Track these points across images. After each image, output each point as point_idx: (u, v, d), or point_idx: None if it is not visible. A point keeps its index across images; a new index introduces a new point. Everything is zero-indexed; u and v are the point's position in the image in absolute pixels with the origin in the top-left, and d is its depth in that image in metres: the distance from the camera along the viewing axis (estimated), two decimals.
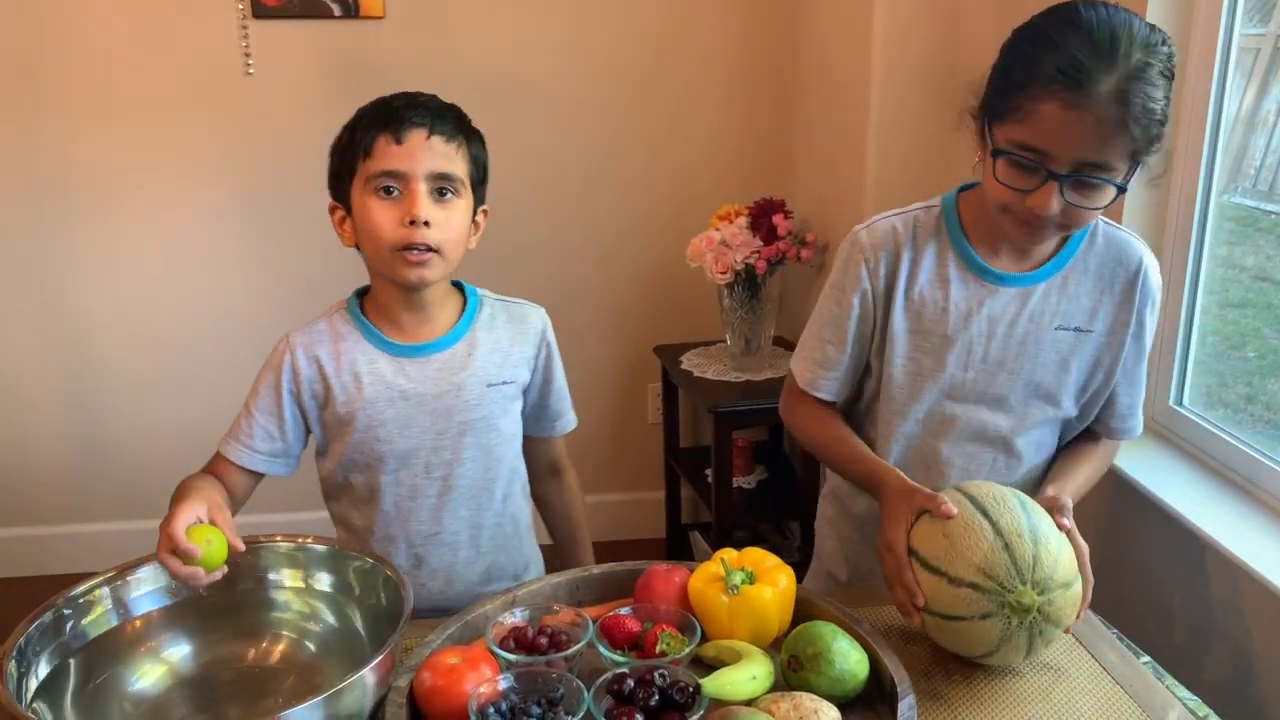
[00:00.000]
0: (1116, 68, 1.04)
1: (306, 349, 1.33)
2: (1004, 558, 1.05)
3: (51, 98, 2.59)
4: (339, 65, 2.64)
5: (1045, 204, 1.10)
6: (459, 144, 1.29)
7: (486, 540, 1.41)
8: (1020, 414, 1.30)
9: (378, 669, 0.96)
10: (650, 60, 2.76)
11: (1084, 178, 1.09)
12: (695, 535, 2.92)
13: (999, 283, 1.25)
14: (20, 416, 2.82)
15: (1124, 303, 1.26)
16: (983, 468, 1.32)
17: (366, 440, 1.32)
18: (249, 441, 1.31)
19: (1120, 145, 1.07)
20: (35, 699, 0.97)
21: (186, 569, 1.05)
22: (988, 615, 1.04)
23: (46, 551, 2.89)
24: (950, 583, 1.06)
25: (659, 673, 0.99)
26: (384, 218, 1.26)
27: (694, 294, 2.84)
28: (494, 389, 1.36)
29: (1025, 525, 1.06)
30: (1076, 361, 1.27)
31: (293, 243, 2.72)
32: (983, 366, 1.27)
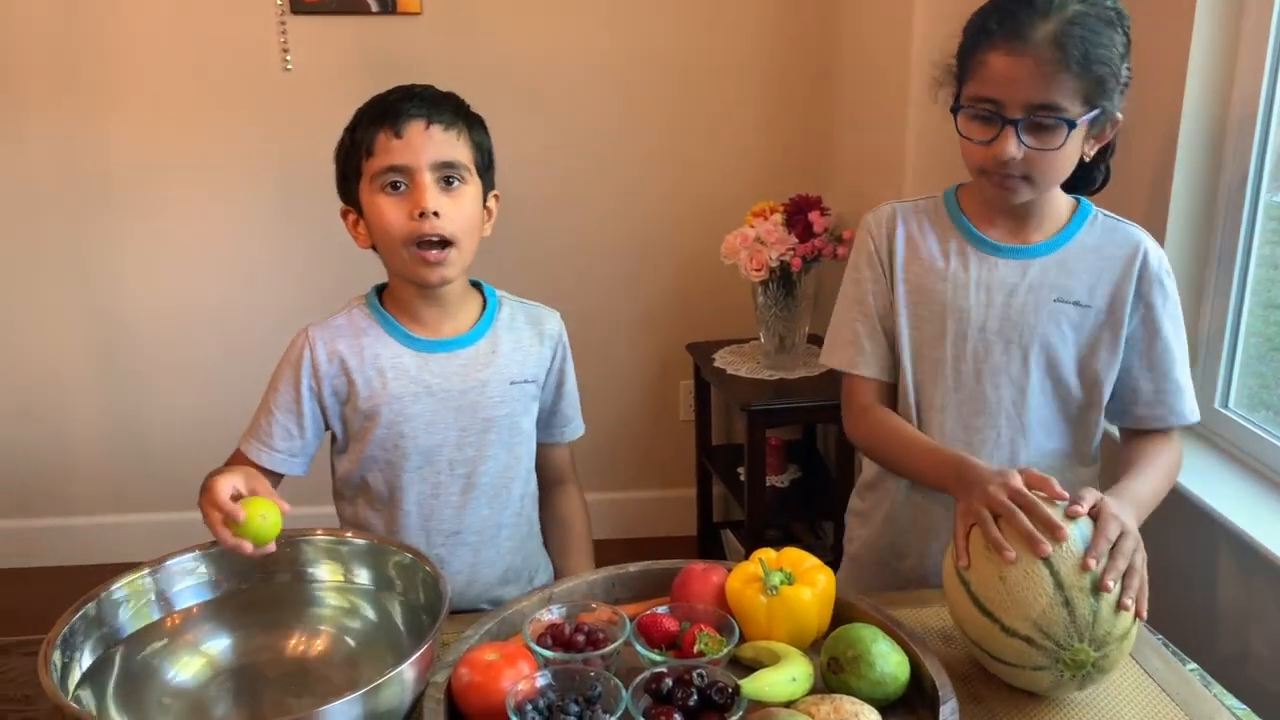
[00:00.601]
0: (1052, 16, 1.14)
1: (327, 344, 1.32)
2: (1063, 615, 0.99)
3: (93, 93, 2.62)
4: (376, 61, 2.65)
5: (1005, 148, 1.17)
6: (459, 131, 1.28)
7: (505, 540, 1.41)
8: (1020, 385, 1.31)
9: (416, 664, 0.96)
10: (686, 56, 2.75)
11: (1036, 119, 1.16)
12: (727, 534, 2.91)
13: (996, 254, 1.30)
14: (61, 408, 2.86)
15: (1123, 281, 1.28)
16: (986, 444, 1.32)
17: (390, 436, 1.32)
18: (268, 440, 1.31)
19: (1064, 86, 1.15)
20: (78, 688, 0.97)
21: (234, 541, 1.05)
22: (1040, 668, 1.02)
23: (86, 541, 2.93)
24: (1003, 631, 1.02)
25: (697, 673, 0.99)
26: (393, 213, 1.26)
27: (728, 291, 2.83)
28: (516, 387, 1.36)
29: (1088, 576, 1.00)
30: (1075, 335, 1.29)
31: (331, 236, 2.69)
32: (981, 336, 1.30)
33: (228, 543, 1.06)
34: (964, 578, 1.07)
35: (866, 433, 1.35)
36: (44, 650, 0.94)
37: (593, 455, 2.95)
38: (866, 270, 1.36)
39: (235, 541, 1.06)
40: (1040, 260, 1.29)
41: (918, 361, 1.34)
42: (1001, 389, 1.31)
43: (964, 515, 1.10)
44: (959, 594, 1.08)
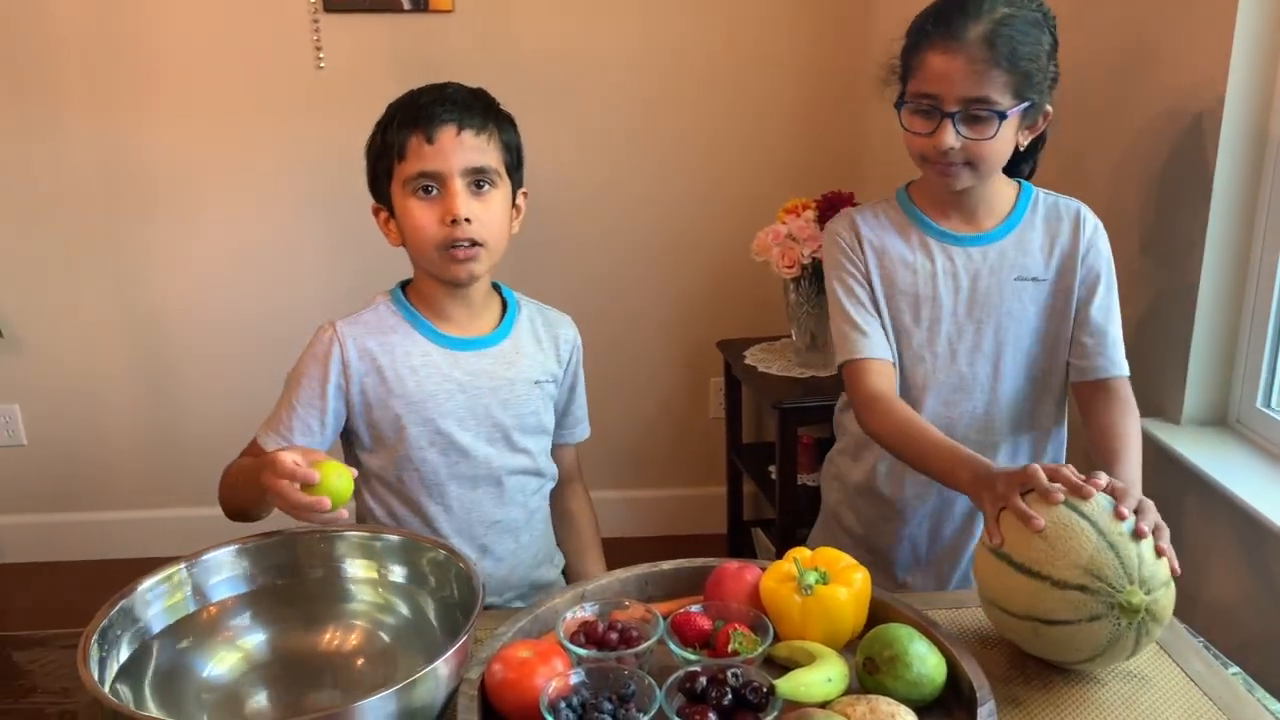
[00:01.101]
0: (983, 18, 1.25)
1: (357, 341, 1.32)
2: (1111, 557, 1.02)
3: (129, 94, 2.65)
4: (408, 59, 2.66)
5: (944, 139, 1.28)
6: (489, 134, 1.29)
7: (538, 524, 1.45)
8: (994, 360, 1.41)
9: (451, 661, 0.96)
10: (718, 53, 2.74)
11: (971, 112, 1.27)
12: (757, 532, 2.90)
13: (957, 244, 1.40)
14: (99, 404, 2.90)
15: (1069, 248, 1.39)
16: (964, 416, 1.43)
17: (426, 433, 1.33)
18: (287, 434, 1.31)
19: (994, 81, 1.25)
20: (116, 681, 0.98)
21: (311, 498, 1.04)
22: (1096, 617, 1.01)
23: (122, 536, 2.96)
24: (1054, 586, 1.02)
25: (732, 672, 0.98)
26: (425, 218, 1.27)
27: (759, 288, 2.81)
28: (539, 386, 1.40)
29: (1124, 525, 1.04)
30: (1035, 308, 1.40)
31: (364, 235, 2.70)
32: (953, 320, 1.40)
33: (303, 501, 1.04)
34: (1002, 554, 1.07)
35: (878, 425, 1.37)
36: (83, 644, 0.95)
37: (623, 452, 2.95)
38: (847, 267, 1.43)
39: (312, 500, 1.04)
40: (997, 244, 1.40)
41: (899, 348, 1.43)
42: (976, 365, 1.42)
43: (992, 501, 1.12)
44: (1000, 570, 1.07)
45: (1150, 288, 1.78)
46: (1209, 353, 1.69)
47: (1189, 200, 1.67)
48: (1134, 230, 1.81)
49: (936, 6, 1.30)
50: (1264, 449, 1.64)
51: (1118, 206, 1.84)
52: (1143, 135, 1.77)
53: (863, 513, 1.55)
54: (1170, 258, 1.72)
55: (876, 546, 1.54)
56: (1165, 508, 1.72)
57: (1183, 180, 1.68)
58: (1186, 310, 1.68)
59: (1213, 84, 1.59)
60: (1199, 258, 1.65)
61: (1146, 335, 1.79)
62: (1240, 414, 1.70)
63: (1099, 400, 1.38)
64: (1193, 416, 1.72)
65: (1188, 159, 1.67)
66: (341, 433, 1.38)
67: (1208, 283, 1.66)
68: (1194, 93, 1.64)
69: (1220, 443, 1.68)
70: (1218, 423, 1.73)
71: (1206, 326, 1.68)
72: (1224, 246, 1.64)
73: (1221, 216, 1.63)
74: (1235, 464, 1.61)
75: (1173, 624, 1.19)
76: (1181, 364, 1.70)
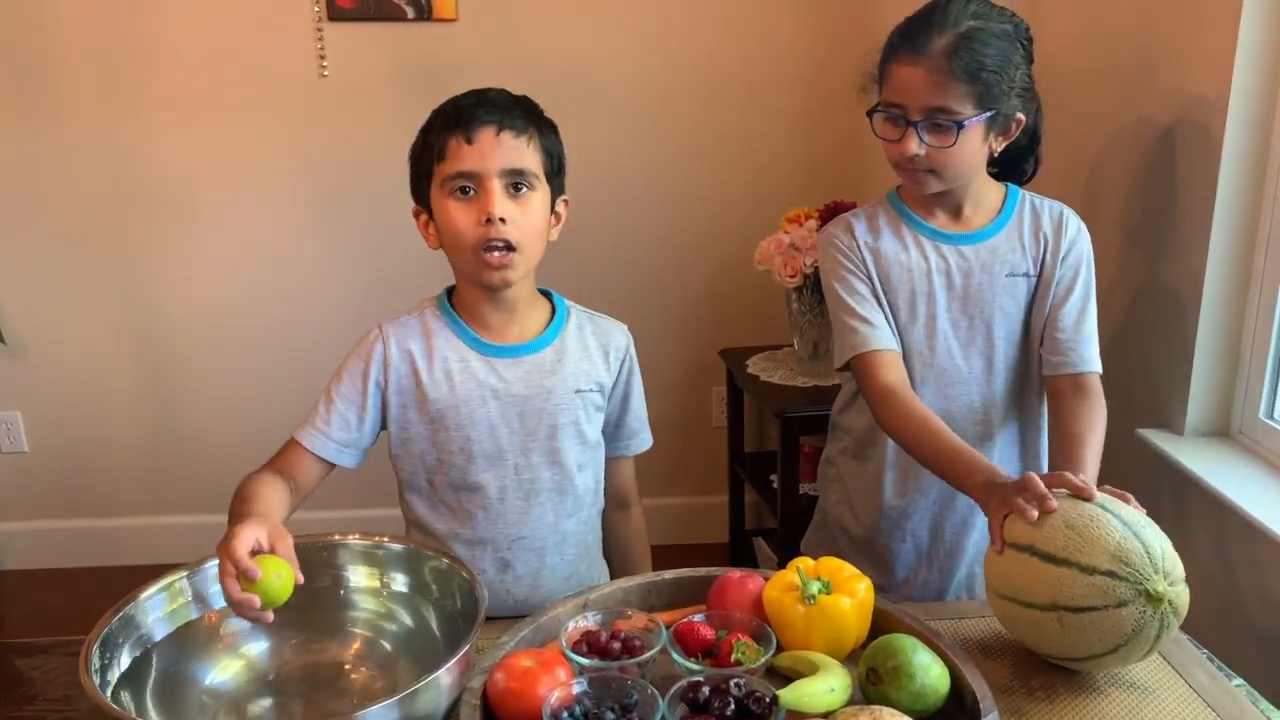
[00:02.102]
0: (947, 32, 1.30)
1: (400, 341, 1.33)
2: (1138, 546, 1.04)
3: (134, 101, 2.66)
4: (412, 67, 2.66)
5: (907, 147, 1.33)
6: (529, 137, 1.29)
7: (570, 548, 1.41)
8: (988, 355, 1.45)
9: (453, 670, 0.96)
10: (721, 63, 2.75)
11: (933, 121, 1.32)
12: (759, 541, 2.90)
13: (949, 242, 1.44)
14: (102, 410, 2.90)
15: (1053, 246, 1.43)
16: (961, 410, 1.45)
17: (456, 439, 1.32)
18: (324, 428, 1.31)
19: (953, 92, 1.30)
20: (118, 688, 0.98)
21: (243, 594, 0.99)
22: (1123, 603, 1.02)
23: (125, 543, 2.96)
24: (1082, 571, 1.04)
25: (734, 682, 0.98)
26: (462, 218, 1.27)
27: (761, 297, 2.81)
28: (581, 395, 1.36)
29: (1142, 520, 1.08)
30: (1025, 303, 1.44)
31: (368, 243, 2.75)
32: (948, 316, 1.44)
33: (235, 596, 0.99)
34: (1025, 545, 1.08)
35: (894, 420, 1.38)
36: (84, 651, 0.95)
37: None
38: (847, 265, 1.45)
39: (244, 596, 0.99)
40: (988, 242, 1.44)
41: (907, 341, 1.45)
42: (971, 360, 1.45)
43: (998, 508, 1.14)
44: (1022, 562, 1.08)
45: (1154, 298, 1.78)
46: (1212, 363, 1.69)
47: (1193, 210, 1.67)
48: (1138, 239, 1.81)
49: (908, 20, 1.35)
50: (1267, 460, 1.64)
51: (1122, 215, 1.84)
52: (1147, 143, 1.77)
53: (864, 512, 1.56)
54: (1174, 268, 1.72)
55: (877, 545, 1.55)
56: (1168, 517, 1.72)
57: (1187, 189, 1.68)
58: (1190, 320, 1.68)
59: (1217, 91, 1.59)
60: (1202, 268, 1.65)
61: (1150, 346, 1.79)
62: (1243, 425, 1.69)
63: (1067, 395, 1.40)
64: (1196, 427, 1.72)
65: (1192, 168, 1.67)
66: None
67: (1211, 293, 1.65)
68: (1198, 100, 1.64)
69: (1223, 454, 1.67)
70: (1221, 434, 1.72)
71: (1210, 337, 1.67)
72: (1227, 257, 1.64)
73: (1225, 227, 1.62)
74: (1238, 475, 1.60)
75: (1177, 635, 1.19)
76: (1185, 375, 1.70)
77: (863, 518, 1.56)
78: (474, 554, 1.35)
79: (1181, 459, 1.65)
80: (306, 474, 1.30)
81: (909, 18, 1.35)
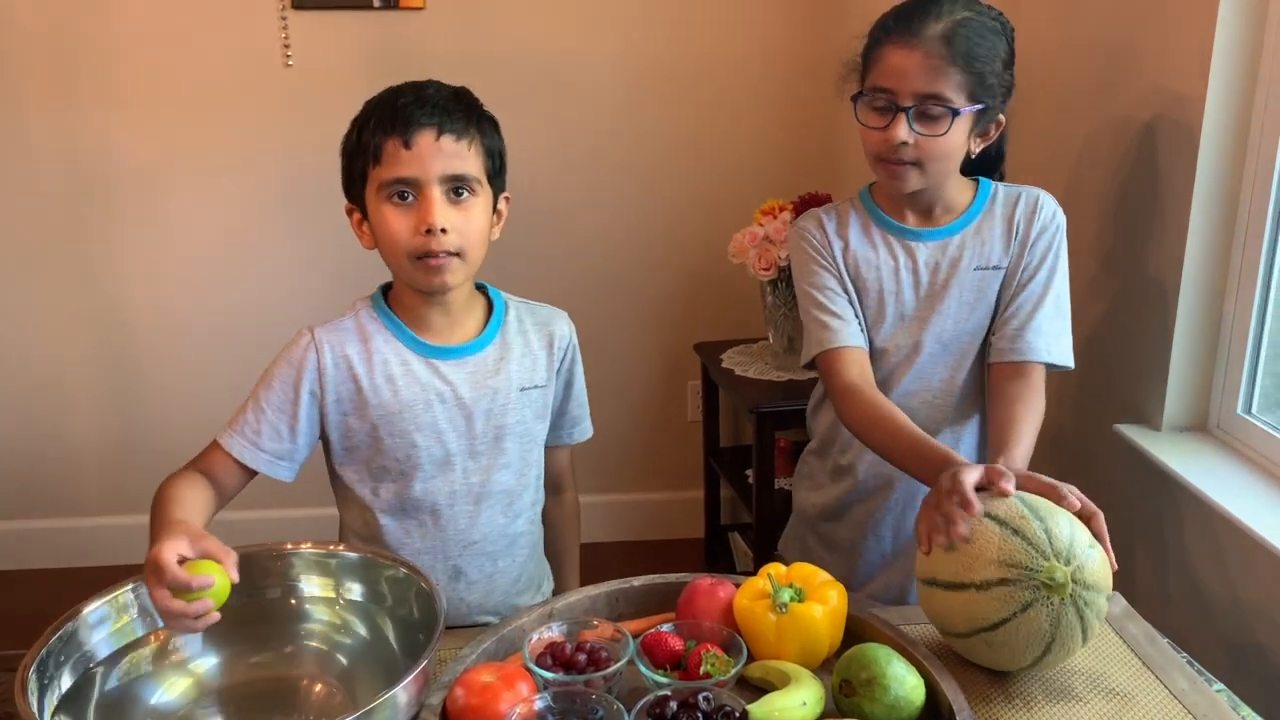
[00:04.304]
0: (942, 18, 1.28)
1: (335, 347, 1.27)
2: (1018, 543, 1.02)
3: (94, 91, 2.59)
4: (379, 57, 2.61)
5: (897, 132, 1.29)
6: (470, 139, 1.23)
7: (521, 548, 1.38)
8: (955, 352, 1.43)
9: (411, 686, 0.92)
10: (693, 53, 2.71)
11: (924, 108, 1.29)
12: (735, 536, 2.87)
13: (916, 239, 1.42)
14: (63, 408, 2.83)
15: (1023, 232, 1.40)
16: (925, 405, 1.44)
17: (402, 446, 1.27)
18: (255, 438, 1.24)
19: (950, 79, 1.27)
20: (57, 713, 0.94)
21: (179, 604, 0.95)
22: (1029, 605, 1.01)
23: (88, 543, 2.89)
24: (979, 589, 1.02)
25: (703, 695, 0.95)
26: (400, 225, 1.21)
27: (736, 291, 2.78)
28: (526, 393, 1.32)
29: (1022, 505, 1.05)
30: (993, 296, 1.41)
31: (334, 234, 2.67)
32: (915, 313, 1.42)
33: (172, 608, 0.95)
34: (927, 578, 1.08)
35: (856, 417, 1.36)
36: (20, 674, 0.90)
37: (599, 457, 2.91)
38: (819, 260, 1.44)
39: (181, 605, 0.95)
40: (956, 237, 1.41)
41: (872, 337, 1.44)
42: (938, 356, 1.43)
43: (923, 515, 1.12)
44: (934, 596, 1.08)
45: (1132, 294, 1.76)
46: (1190, 359, 1.67)
47: (1171, 207, 1.65)
48: (1116, 236, 1.79)
49: (899, 6, 1.32)
50: (1244, 455, 1.62)
51: (1101, 213, 1.81)
52: (1125, 141, 1.75)
53: (830, 511, 1.55)
54: (1152, 264, 1.70)
55: (842, 544, 1.55)
56: (1145, 513, 1.70)
57: (1165, 187, 1.66)
58: (1168, 317, 1.66)
59: (1194, 88, 1.57)
60: (1180, 264, 1.63)
61: (1128, 342, 1.77)
62: (1221, 420, 1.68)
63: (1008, 382, 1.37)
64: (1173, 423, 1.70)
65: (1170, 166, 1.64)
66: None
67: (1188, 288, 1.64)
68: (1176, 98, 1.62)
69: (1201, 449, 1.66)
70: (1198, 429, 1.71)
71: (1187, 333, 1.66)
72: (1205, 253, 1.62)
73: (1202, 224, 1.61)
74: (1216, 470, 1.59)
75: (1155, 640, 1.17)
76: (1162, 370, 1.68)
77: (828, 517, 1.56)
78: (423, 563, 1.29)
79: (1159, 455, 1.64)
80: (229, 480, 1.24)
81: (901, 4, 1.32)
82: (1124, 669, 1.11)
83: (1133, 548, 1.71)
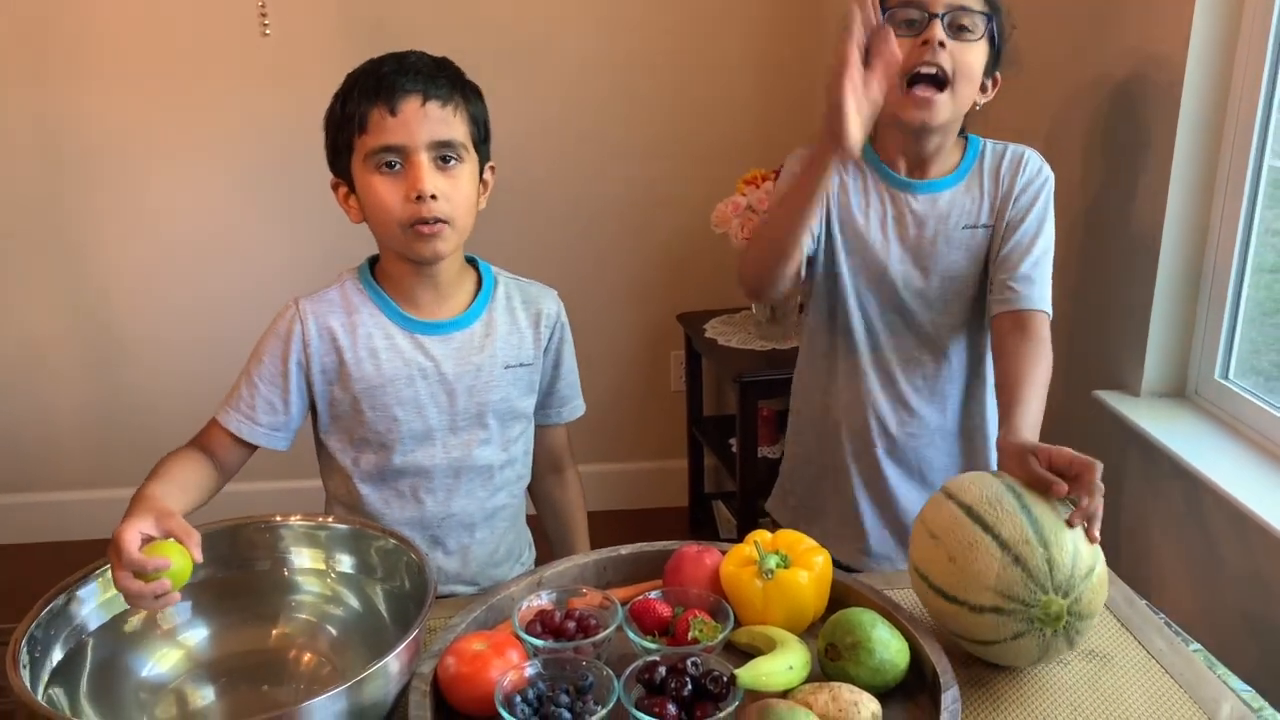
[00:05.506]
0: None
1: (319, 319, 1.27)
2: (1017, 574, 0.98)
3: (67, 64, 2.55)
4: (357, 24, 2.58)
5: (934, 34, 1.29)
6: (456, 106, 1.22)
7: (500, 521, 1.38)
8: (940, 308, 1.44)
9: (402, 656, 0.92)
10: (675, 23, 2.69)
11: (956, 21, 1.31)
12: (718, 505, 2.89)
13: (907, 190, 1.42)
14: (44, 382, 2.82)
15: (1008, 188, 1.41)
16: (910, 360, 1.46)
17: (382, 419, 1.28)
18: (250, 412, 1.25)
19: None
20: (49, 686, 0.94)
21: (136, 585, 0.94)
22: (1020, 634, 1.00)
23: (71, 517, 2.89)
24: (972, 610, 1.01)
25: (691, 661, 0.96)
26: (389, 194, 1.20)
27: (718, 261, 2.78)
28: (511, 371, 1.32)
29: (1029, 528, 1.00)
30: (980, 253, 1.42)
31: (315, 205, 2.65)
32: (902, 267, 1.42)
33: (131, 588, 0.94)
34: (922, 572, 1.07)
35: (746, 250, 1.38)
36: (11, 647, 0.90)
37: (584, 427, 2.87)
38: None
39: (140, 586, 0.94)
40: (946, 193, 1.42)
41: (858, 292, 1.44)
42: (922, 312, 1.44)
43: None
44: (925, 591, 1.06)
45: (1111, 259, 1.77)
46: (1168, 325, 1.68)
47: (1151, 169, 1.65)
48: (1096, 198, 1.80)
49: None
50: (1222, 421, 1.64)
51: (1080, 174, 1.82)
52: (1105, 99, 1.76)
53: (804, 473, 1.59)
54: (1131, 228, 1.71)
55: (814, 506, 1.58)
56: (1124, 479, 1.72)
57: (1145, 148, 1.67)
58: (1147, 282, 1.67)
59: (1174, 47, 1.57)
60: (1159, 228, 1.64)
61: (1107, 307, 1.79)
62: (1199, 386, 1.70)
63: (1009, 334, 1.36)
64: (1152, 388, 1.72)
65: (1150, 126, 1.65)
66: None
67: (1168, 254, 1.65)
68: (1156, 55, 1.62)
69: (1179, 414, 1.68)
70: (1177, 394, 1.73)
71: (1166, 298, 1.67)
72: (1184, 217, 1.63)
73: (1182, 186, 1.61)
74: (1194, 436, 1.61)
75: (1133, 602, 1.19)
76: (1141, 336, 1.70)
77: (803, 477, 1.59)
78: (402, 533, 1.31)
79: (1138, 420, 1.65)
80: (230, 455, 1.26)
81: None
82: (1103, 630, 1.13)
83: (1112, 513, 1.73)
